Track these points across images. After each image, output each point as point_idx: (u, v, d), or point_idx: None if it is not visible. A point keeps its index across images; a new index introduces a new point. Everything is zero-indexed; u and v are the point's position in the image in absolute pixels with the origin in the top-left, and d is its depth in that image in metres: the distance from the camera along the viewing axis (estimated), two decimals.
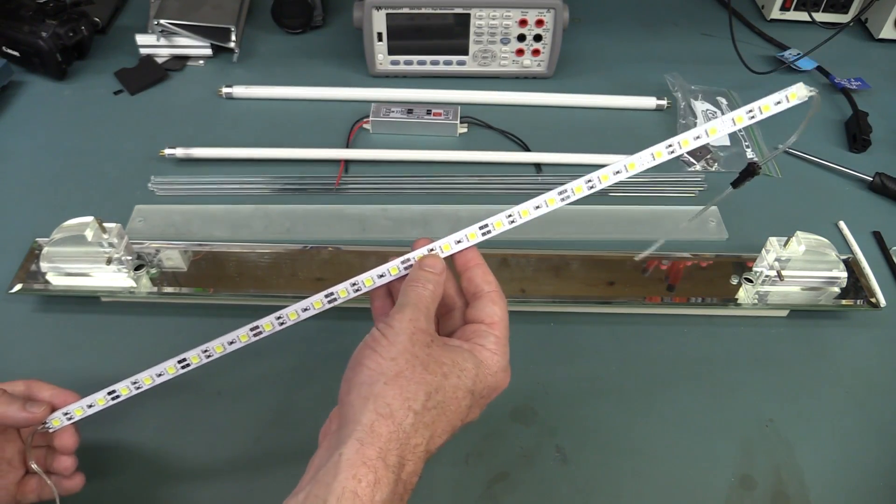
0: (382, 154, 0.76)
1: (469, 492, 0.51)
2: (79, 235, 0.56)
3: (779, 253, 0.59)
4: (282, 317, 0.43)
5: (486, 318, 0.41)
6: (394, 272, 0.43)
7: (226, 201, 0.70)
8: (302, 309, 0.43)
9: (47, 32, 0.80)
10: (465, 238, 0.43)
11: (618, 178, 0.42)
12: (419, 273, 0.41)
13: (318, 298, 0.43)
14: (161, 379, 0.44)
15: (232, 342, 0.43)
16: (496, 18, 0.82)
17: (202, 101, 0.83)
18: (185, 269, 0.62)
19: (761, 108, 0.41)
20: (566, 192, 0.43)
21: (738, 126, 0.41)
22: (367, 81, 0.86)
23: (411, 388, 0.35)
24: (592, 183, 0.43)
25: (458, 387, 0.37)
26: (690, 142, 0.41)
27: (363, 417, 0.34)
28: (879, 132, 0.81)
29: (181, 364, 0.43)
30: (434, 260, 0.42)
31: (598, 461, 0.53)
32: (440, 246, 0.43)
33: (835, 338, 0.61)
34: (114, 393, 0.44)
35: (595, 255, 0.65)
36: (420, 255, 0.43)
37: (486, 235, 0.43)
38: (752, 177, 0.49)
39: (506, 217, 0.43)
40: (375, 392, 0.35)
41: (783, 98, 0.40)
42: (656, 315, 0.63)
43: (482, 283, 0.42)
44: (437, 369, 0.37)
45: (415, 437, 0.35)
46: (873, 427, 0.56)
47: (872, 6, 0.96)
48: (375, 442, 0.34)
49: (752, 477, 0.52)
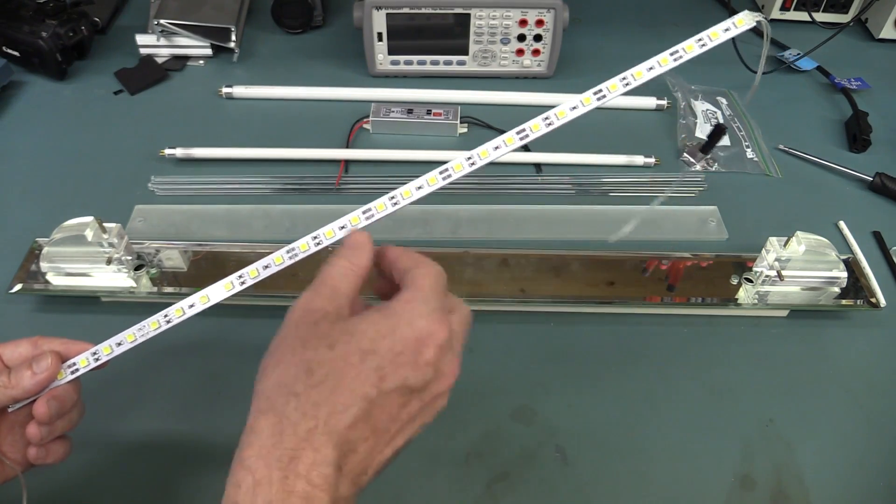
0: (382, 154, 0.76)
1: (469, 492, 0.51)
2: (79, 235, 0.56)
3: (779, 253, 0.59)
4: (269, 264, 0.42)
5: (407, 281, 0.36)
6: (329, 235, 0.41)
7: (226, 201, 0.70)
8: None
9: (47, 32, 0.80)
10: (401, 196, 0.41)
11: (574, 114, 0.43)
12: (338, 250, 0.38)
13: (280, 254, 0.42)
14: (168, 325, 0.42)
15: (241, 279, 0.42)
16: (496, 18, 0.82)
17: (202, 101, 0.83)
18: (185, 269, 0.62)
19: (710, 36, 0.42)
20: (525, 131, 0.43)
21: (689, 55, 0.42)
22: (367, 81, 0.86)
23: (290, 372, 0.32)
24: (550, 120, 0.43)
25: (348, 352, 0.32)
26: (619, 86, 0.43)
27: (248, 420, 0.31)
28: (879, 132, 0.81)
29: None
30: (356, 235, 0.39)
31: (598, 461, 0.53)
32: (375, 206, 0.40)
33: (835, 338, 0.61)
34: (121, 344, 0.42)
35: (595, 255, 0.65)
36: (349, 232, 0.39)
37: (395, 205, 0.41)
38: (721, 136, 0.48)
39: (414, 187, 0.41)
40: (256, 391, 0.32)
41: (731, 24, 0.41)
42: (656, 315, 0.63)
43: (408, 262, 0.38)
44: (320, 342, 0.32)
45: (304, 421, 0.30)
46: (873, 427, 0.56)
47: (872, 6, 0.96)
48: (254, 441, 0.30)
49: (752, 477, 0.52)
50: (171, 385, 0.56)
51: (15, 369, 0.40)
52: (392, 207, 0.41)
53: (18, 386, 0.39)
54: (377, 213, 0.41)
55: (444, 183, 0.40)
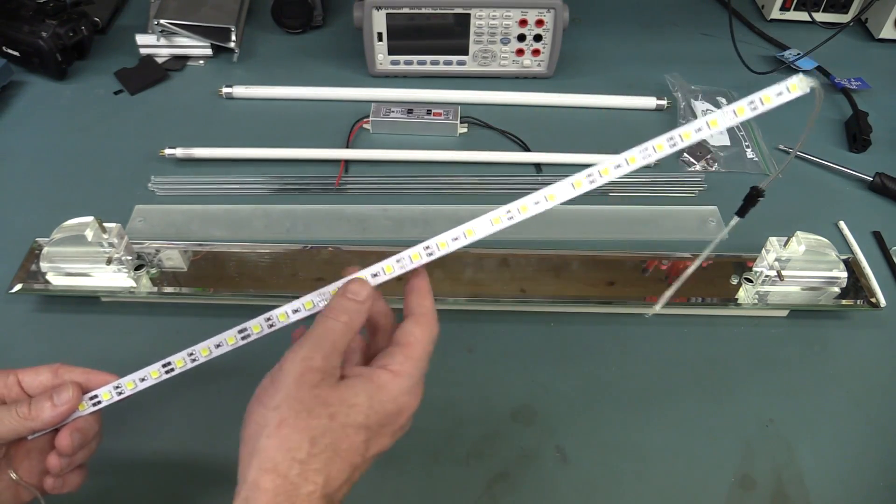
0: (382, 154, 0.76)
1: (469, 492, 0.51)
2: (79, 235, 0.56)
3: (779, 253, 0.59)
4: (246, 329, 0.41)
5: (402, 338, 0.39)
6: (308, 306, 0.40)
7: (226, 201, 0.70)
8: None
9: (47, 32, 0.80)
10: (409, 259, 0.40)
11: (619, 173, 0.42)
12: (339, 301, 0.39)
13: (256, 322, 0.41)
14: (195, 363, 0.41)
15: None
16: (496, 18, 0.82)
17: (202, 101, 0.83)
18: (185, 269, 0.62)
19: (762, 99, 0.41)
20: (548, 195, 0.43)
21: (740, 118, 0.41)
22: (367, 81, 0.86)
23: (294, 438, 0.34)
24: (593, 177, 0.43)
25: (346, 425, 0.36)
26: (692, 134, 0.41)
27: (249, 474, 0.34)
28: (879, 132, 0.81)
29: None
30: (359, 286, 0.40)
31: (598, 461, 0.53)
32: (383, 268, 0.40)
33: (835, 338, 0.61)
34: (168, 365, 0.41)
35: (595, 255, 0.65)
36: (347, 280, 0.40)
37: (430, 256, 0.40)
38: (756, 201, 0.49)
39: (451, 238, 0.40)
40: (259, 447, 0.34)
41: (783, 89, 0.40)
42: (656, 315, 0.62)
43: (415, 305, 0.40)
44: (323, 411, 0.35)
45: (305, 485, 0.34)
46: (873, 427, 0.56)
47: (872, 6, 0.96)
48: (261, 498, 0.33)
49: (752, 477, 0.52)
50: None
51: (35, 400, 0.40)
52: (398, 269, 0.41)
53: (38, 418, 0.40)
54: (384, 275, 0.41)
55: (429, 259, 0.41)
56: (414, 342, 0.39)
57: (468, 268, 0.63)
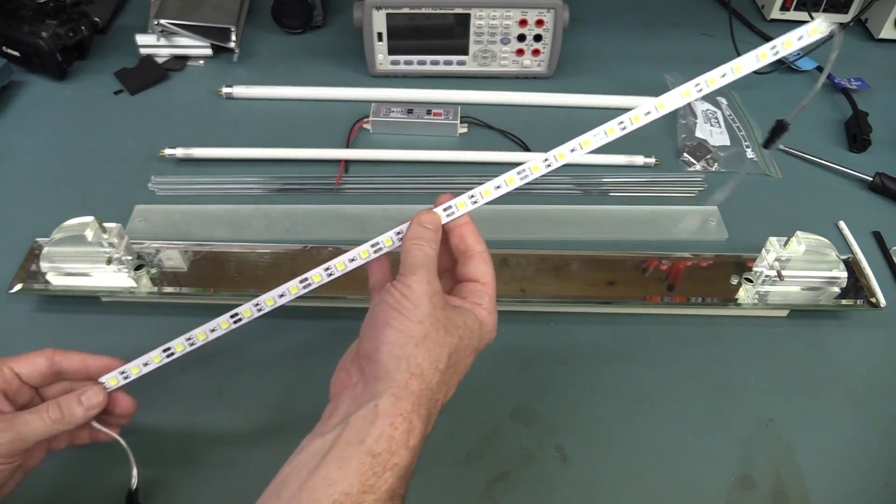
0: (382, 154, 0.76)
1: (469, 492, 0.51)
2: (79, 235, 0.56)
3: (779, 253, 0.59)
4: (259, 304, 0.45)
5: (480, 277, 0.43)
6: (388, 243, 0.45)
7: (226, 201, 0.70)
8: (279, 295, 0.45)
9: (47, 32, 0.80)
10: (480, 195, 0.45)
11: (649, 118, 0.44)
12: (420, 230, 0.43)
13: (293, 284, 0.45)
14: (214, 335, 0.46)
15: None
16: (496, 18, 0.82)
17: (202, 101, 0.83)
18: (185, 269, 0.62)
19: (784, 44, 0.42)
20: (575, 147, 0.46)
21: (762, 63, 0.42)
22: (367, 81, 0.86)
23: (437, 351, 0.38)
24: (624, 124, 0.46)
25: (468, 346, 0.41)
26: (717, 80, 0.44)
27: (398, 376, 0.37)
28: (879, 132, 0.81)
29: (233, 318, 0.45)
30: (431, 216, 0.44)
31: (598, 461, 0.53)
32: (456, 204, 0.44)
33: (835, 338, 0.61)
34: (168, 350, 0.46)
35: (595, 255, 0.65)
36: (419, 213, 0.44)
37: (475, 203, 0.45)
38: (782, 133, 0.50)
39: (517, 174, 0.46)
40: (407, 353, 0.38)
41: (804, 33, 0.41)
42: (656, 315, 0.63)
43: (474, 243, 0.44)
44: (455, 331, 0.40)
45: (438, 392, 0.39)
46: (873, 427, 0.56)
47: (872, 6, 0.96)
48: (409, 397, 0.37)
49: (752, 477, 0.52)
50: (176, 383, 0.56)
51: (65, 403, 0.43)
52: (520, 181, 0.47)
53: (71, 421, 0.43)
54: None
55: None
56: (490, 281, 0.44)
57: None
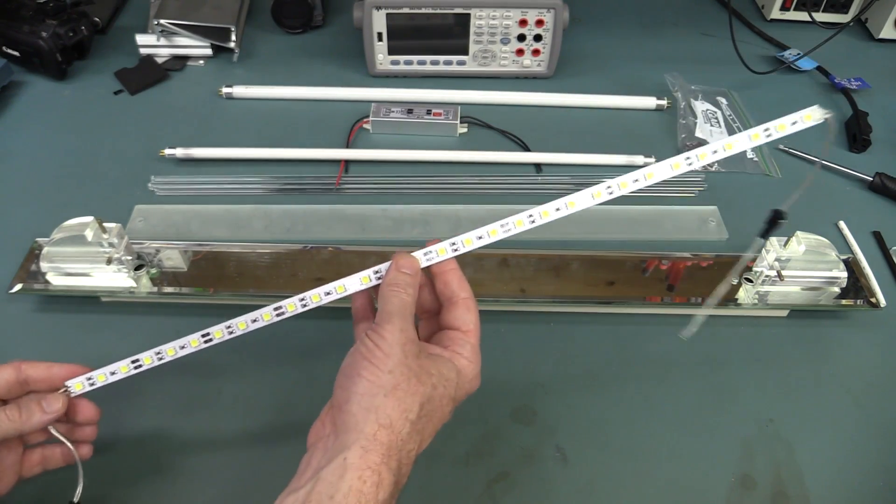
0: (382, 154, 0.76)
1: (469, 492, 0.51)
2: (79, 235, 0.56)
3: (779, 253, 0.59)
4: (231, 326, 0.45)
5: (462, 325, 0.43)
6: (365, 281, 0.44)
7: (226, 201, 0.70)
8: (251, 320, 0.45)
9: (47, 32, 0.80)
10: (462, 244, 0.44)
11: (637, 186, 0.44)
12: (397, 276, 0.42)
13: (267, 311, 0.45)
14: (184, 352, 0.46)
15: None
16: (496, 18, 0.82)
17: (202, 101, 0.83)
18: (185, 269, 0.62)
19: (777, 128, 0.43)
20: (561, 206, 0.46)
21: (755, 143, 0.43)
22: (367, 81, 0.86)
23: (408, 401, 0.38)
24: (611, 189, 0.45)
25: (443, 396, 0.40)
26: (708, 155, 0.43)
27: (366, 427, 0.37)
28: (879, 132, 0.81)
29: (204, 339, 0.46)
30: (410, 261, 0.43)
31: (598, 461, 0.53)
32: (436, 250, 0.44)
33: (835, 338, 0.61)
34: (137, 362, 0.46)
35: (595, 255, 0.65)
36: (396, 256, 0.43)
37: (455, 251, 0.44)
38: (779, 222, 0.51)
39: (500, 227, 0.45)
40: (376, 404, 0.37)
41: (799, 119, 0.43)
42: (656, 315, 0.63)
43: (458, 289, 0.44)
44: (428, 380, 0.39)
45: (409, 443, 0.38)
46: (873, 427, 0.56)
47: (872, 6, 0.96)
48: (378, 449, 0.36)
49: (752, 477, 0.52)
50: (172, 384, 0.56)
51: (24, 405, 0.43)
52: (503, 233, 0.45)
53: (28, 422, 0.43)
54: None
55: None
56: (473, 329, 0.43)
57: (468, 268, 0.63)
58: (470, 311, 0.43)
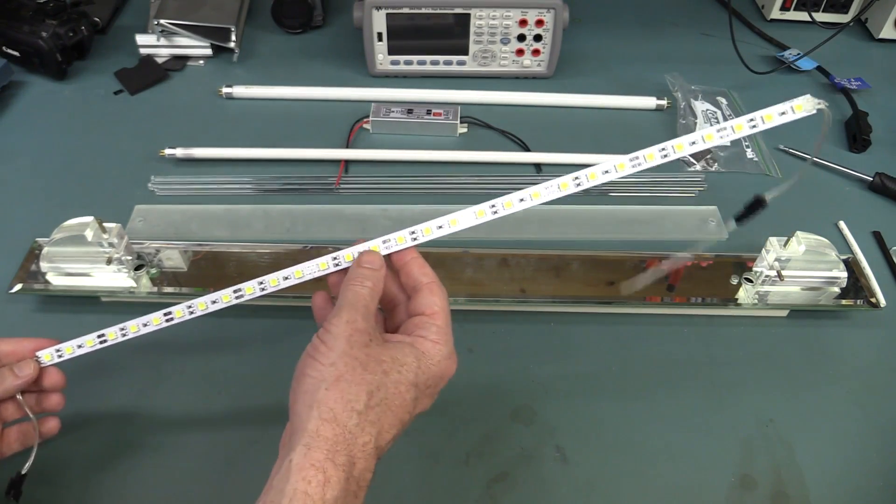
0: (382, 154, 0.76)
1: (469, 492, 0.51)
2: (79, 235, 0.56)
3: (779, 253, 0.59)
4: (192, 307, 0.46)
5: (426, 308, 0.42)
6: (322, 267, 0.45)
7: (226, 201, 0.70)
8: (211, 301, 0.45)
9: (47, 32, 0.80)
10: (421, 233, 0.44)
11: (606, 178, 0.42)
12: (357, 270, 0.42)
13: (226, 293, 0.46)
14: (146, 329, 0.46)
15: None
16: (496, 18, 0.82)
17: (202, 101, 0.83)
18: (185, 269, 0.62)
19: (763, 118, 0.39)
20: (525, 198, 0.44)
21: (738, 134, 0.40)
22: (367, 81, 0.86)
23: (352, 390, 0.36)
24: (579, 181, 0.43)
25: (399, 381, 0.38)
26: (685, 146, 0.41)
27: (309, 424, 0.35)
28: (879, 132, 0.81)
29: (166, 317, 0.46)
30: (372, 256, 0.43)
31: (598, 461, 0.53)
32: (394, 238, 0.44)
33: (835, 338, 0.61)
34: (102, 336, 0.47)
35: (595, 255, 0.65)
36: (359, 251, 0.44)
37: (415, 241, 0.44)
38: (759, 209, 0.49)
39: (436, 226, 0.45)
40: (318, 399, 0.36)
41: (788, 109, 0.39)
42: (656, 315, 0.63)
43: (419, 275, 0.43)
44: (377, 367, 0.38)
45: (361, 435, 0.36)
46: (873, 427, 0.56)
47: (872, 6, 0.96)
48: (322, 445, 0.35)
49: (752, 477, 0.52)
50: (172, 384, 0.56)
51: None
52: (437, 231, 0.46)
53: (2, 386, 0.44)
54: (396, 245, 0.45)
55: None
56: (439, 311, 0.42)
57: (468, 268, 0.63)
58: (434, 293, 0.42)
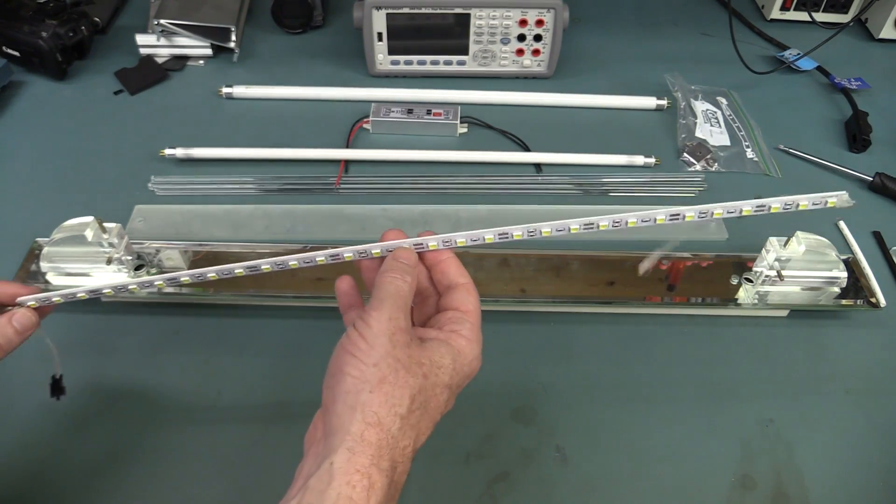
0: (382, 154, 0.76)
1: (469, 492, 0.51)
2: (79, 235, 0.56)
3: (779, 253, 0.59)
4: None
5: (460, 305, 0.42)
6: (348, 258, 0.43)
7: (226, 201, 0.70)
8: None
9: (47, 32, 0.80)
10: (454, 242, 0.43)
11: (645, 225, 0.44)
12: (395, 264, 0.41)
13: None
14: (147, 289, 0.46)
15: None
16: (496, 18, 0.82)
17: (202, 101, 0.83)
18: (185, 270, 0.62)
19: (798, 205, 0.42)
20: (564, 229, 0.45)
21: (771, 212, 0.43)
22: (367, 81, 0.86)
23: (396, 394, 0.36)
24: (619, 223, 0.46)
25: (436, 384, 0.38)
26: (723, 213, 0.43)
27: (352, 427, 0.34)
28: (879, 132, 0.81)
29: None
30: (407, 252, 0.42)
31: (598, 461, 0.53)
32: (427, 243, 0.43)
33: (835, 338, 0.61)
34: (96, 292, 0.46)
35: (595, 255, 0.65)
36: (395, 247, 0.43)
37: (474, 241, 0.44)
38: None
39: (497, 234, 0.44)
40: (362, 401, 0.35)
41: (822, 202, 0.42)
42: (656, 315, 0.63)
43: (457, 275, 0.43)
44: (418, 370, 0.37)
45: (403, 439, 0.36)
46: (873, 427, 0.56)
47: (872, 6, 0.96)
48: (366, 450, 0.34)
49: (752, 477, 0.52)
50: (172, 383, 0.56)
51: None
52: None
53: (3, 336, 0.43)
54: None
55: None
56: (473, 310, 0.42)
57: (468, 268, 0.63)
58: (470, 293, 0.42)
